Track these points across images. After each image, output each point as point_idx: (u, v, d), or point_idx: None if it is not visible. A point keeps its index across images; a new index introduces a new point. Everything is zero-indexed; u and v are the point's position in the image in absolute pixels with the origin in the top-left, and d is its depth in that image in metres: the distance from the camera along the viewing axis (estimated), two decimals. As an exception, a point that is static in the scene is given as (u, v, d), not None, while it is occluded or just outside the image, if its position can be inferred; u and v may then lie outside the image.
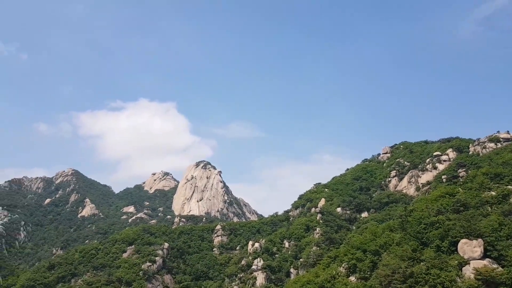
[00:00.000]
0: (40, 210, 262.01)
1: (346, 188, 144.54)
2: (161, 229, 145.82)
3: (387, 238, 71.45)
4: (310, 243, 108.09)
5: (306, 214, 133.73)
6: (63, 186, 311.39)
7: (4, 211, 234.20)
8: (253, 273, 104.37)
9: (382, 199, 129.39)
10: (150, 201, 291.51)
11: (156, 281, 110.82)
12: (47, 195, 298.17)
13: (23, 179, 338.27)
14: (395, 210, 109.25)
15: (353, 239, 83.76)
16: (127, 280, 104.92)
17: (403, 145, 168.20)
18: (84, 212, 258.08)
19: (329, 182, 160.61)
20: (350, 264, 71.51)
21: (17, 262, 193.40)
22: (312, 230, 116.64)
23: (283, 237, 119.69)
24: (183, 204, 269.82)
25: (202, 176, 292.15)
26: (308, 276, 78.32)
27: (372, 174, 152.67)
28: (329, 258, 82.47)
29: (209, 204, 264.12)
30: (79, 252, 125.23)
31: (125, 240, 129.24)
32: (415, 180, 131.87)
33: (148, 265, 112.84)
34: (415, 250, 61.25)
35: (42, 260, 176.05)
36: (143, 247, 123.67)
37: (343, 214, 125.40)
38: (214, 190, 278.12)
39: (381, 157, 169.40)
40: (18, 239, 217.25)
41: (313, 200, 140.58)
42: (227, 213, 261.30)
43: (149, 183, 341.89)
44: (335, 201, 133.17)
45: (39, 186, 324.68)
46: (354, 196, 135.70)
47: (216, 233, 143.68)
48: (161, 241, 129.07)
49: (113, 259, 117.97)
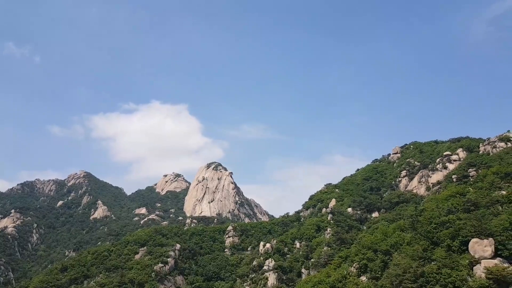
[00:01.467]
0: (52, 213, 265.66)
1: (356, 188, 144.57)
2: (173, 230, 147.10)
3: (398, 238, 71.72)
4: (321, 243, 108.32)
5: (317, 214, 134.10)
6: (75, 188, 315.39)
7: (16, 213, 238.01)
8: (265, 273, 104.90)
9: (393, 199, 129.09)
10: (162, 202, 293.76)
11: (168, 282, 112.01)
12: (59, 198, 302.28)
13: (36, 181, 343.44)
14: (405, 210, 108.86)
15: (364, 239, 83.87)
16: (140, 282, 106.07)
17: (413, 145, 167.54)
18: (96, 214, 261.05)
19: (339, 182, 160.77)
20: (361, 264, 71.92)
21: (29, 264, 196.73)
22: (323, 230, 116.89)
23: (294, 238, 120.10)
24: (194, 205, 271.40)
25: (213, 177, 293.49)
26: (319, 276, 78.80)
27: (382, 174, 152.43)
28: (340, 258, 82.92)
29: (221, 205, 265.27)
30: (92, 254, 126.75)
31: (137, 242, 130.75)
32: (426, 180, 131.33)
33: (160, 266, 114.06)
34: (426, 249, 61.40)
35: (54, 262, 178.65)
36: (155, 248, 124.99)
37: (353, 214, 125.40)
38: (225, 191, 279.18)
39: (391, 157, 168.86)
40: (30, 242, 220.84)
41: (324, 201, 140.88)
42: (238, 214, 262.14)
43: (160, 184, 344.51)
44: (346, 201, 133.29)
45: (51, 188, 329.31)
46: (365, 196, 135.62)
47: (227, 234, 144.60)
48: (173, 242, 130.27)
49: (125, 261, 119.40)
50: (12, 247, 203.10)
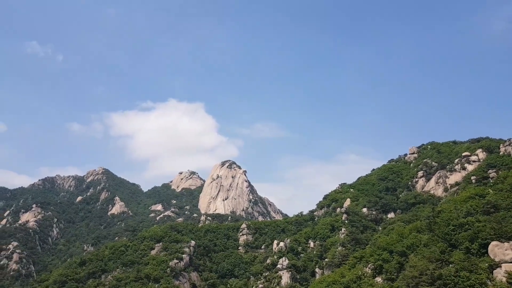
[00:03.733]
0: (72, 208, 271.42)
1: (372, 189, 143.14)
2: (188, 227, 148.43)
3: (414, 239, 70.89)
4: (335, 243, 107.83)
5: (331, 214, 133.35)
6: (94, 184, 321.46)
7: (38, 208, 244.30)
8: (278, 272, 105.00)
9: (409, 199, 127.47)
10: (177, 199, 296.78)
11: (183, 278, 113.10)
12: (78, 193, 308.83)
13: (56, 177, 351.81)
14: (422, 211, 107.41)
15: (380, 240, 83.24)
16: (155, 277, 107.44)
17: (431, 145, 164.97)
18: (113, 210, 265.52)
19: (354, 182, 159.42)
20: (376, 265, 71.32)
21: (50, 258, 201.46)
22: (338, 230, 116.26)
23: (308, 237, 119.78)
24: (209, 203, 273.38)
25: (228, 176, 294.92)
26: (333, 276, 78.51)
27: (398, 175, 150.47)
28: (354, 258, 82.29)
29: (234, 203, 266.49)
30: (109, 248, 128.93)
31: (153, 238, 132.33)
32: (443, 180, 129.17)
33: (175, 262, 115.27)
34: (444, 251, 60.58)
35: (73, 256, 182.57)
36: (171, 245, 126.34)
37: (369, 214, 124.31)
38: (239, 189, 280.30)
39: (407, 157, 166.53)
40: (51, 236, 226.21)
41: (339, 200, 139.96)
42: (252, 212, 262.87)
43: (176, 182, 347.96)
44: (361, 202, 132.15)
45: (71, 184, 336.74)
46: (380, 197, 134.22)
47: (241, 232, 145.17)
48: (188, 239, 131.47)
49: (141, 256, 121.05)
50: (33, 240, 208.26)
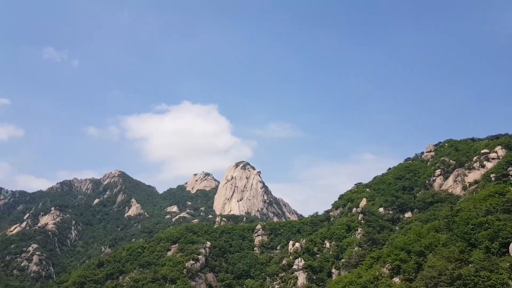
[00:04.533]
0: (89, 210, 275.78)
1: (388, 188, 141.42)
2: (203, 228, 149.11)
3: (433, 238, 69.82)
4: (351, 244, 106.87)
5: (347, 214, 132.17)
6: (110, 187, 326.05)
7: (56, 211, 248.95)
8: (294, 272, 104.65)
9: (427, 198, 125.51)
10: (192, 201, 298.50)
11: (200, 279, 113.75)
12: (95, 196, 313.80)
13: (74, 180, 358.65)
14: (440, 210, 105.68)
15: (397, 240, 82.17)
16: (172, 278, 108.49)
17: (448, 143, 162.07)
18: (130, 212, 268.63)
19: (370, 181, 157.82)
20: (393, 265, 70.42)
21: (68, 259, 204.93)
22: (354, 230, 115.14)
23: (324, 237, 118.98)
24: (223, 204, 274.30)
25: (242, 177, 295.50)
26: (350, 277, 77.82)
27: (415, 173, 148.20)
28: (371, 258, 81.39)
29: (249, 204, 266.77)
30: (126, 250, 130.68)
31: (169, 239, 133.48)
32: (462, 179, 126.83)
33: (191, 263, 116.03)
34: (463, 251, 59.49)
35: (92, 258, 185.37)
36: (186, 246, 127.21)
37: (385, 214, 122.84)
38: (254, 190, 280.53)
39: (424, 155, 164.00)
40: (69, 238, 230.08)
41: (354, 200, 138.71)
42: (267, 213, 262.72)
43: (191, 183, 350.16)
44: (377, 201, 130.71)
45: (88, 187, 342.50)
46: (397, 196, 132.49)
47: (256, 233, 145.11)
48: (204, 240, 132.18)
49: (158, 257, 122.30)
50: (53, 243, 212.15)
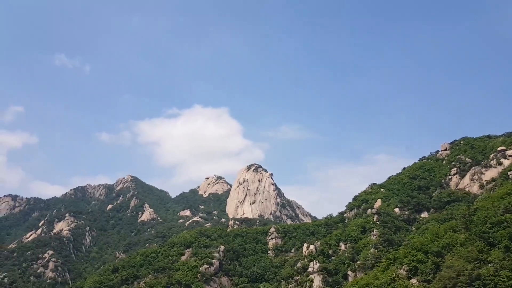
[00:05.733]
0: (103, 216, 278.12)
1: (403, 188, 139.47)
2: (217, 232, 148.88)
3: (450, 238, 68.63)
4: (367, 245, 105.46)
5: (361, 215, 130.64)
6: (123, 192, 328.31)
7: (71, 217, 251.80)
8: (310, 275, 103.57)
9: (443, 198, 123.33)
10: (205, 204, 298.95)
11: (214, 283, 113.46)
12: (109, 201, 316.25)
13: (87, 186, 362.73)
14: (457, 209, 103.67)
15: (413, 240, 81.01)
16: (186, 282, 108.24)
17: (464, 140, 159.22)
18: (143, 217, 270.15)
19: (385, 182, 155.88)
20: (410, 266, 69.44)
21: (84, 265, 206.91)
22: (369, 231, 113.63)
23: (339, 239, 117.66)
24: (236, 207, 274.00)
25: (254, 179, 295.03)
26: (367, 279, 76.73)
27: (431, 173, 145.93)
28: (388, 260, 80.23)
29: (262, 206, 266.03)
30: (141, 255, 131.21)
31: (182, 243, 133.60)
32: (478, 177, 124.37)
33: (205, 267, 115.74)
34: (481, 251, 58.25)
35: (106, 263, 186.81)
36: (200, 250, 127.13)
37: (401, 214, 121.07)
38: (266, 192, 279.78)
39: (439, 154, 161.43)
40: (84, 244, 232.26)
41: (369, 201, 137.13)
42: (280, 216, 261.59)
43: (203, 187, 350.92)
44: (392, 202, 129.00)
45: (101, 193, 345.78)
46: (413, 196, 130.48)
47: (270, 236, 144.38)
48: (217, 244, 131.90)
49: (172, 262, 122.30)
50: (68, 249, 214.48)
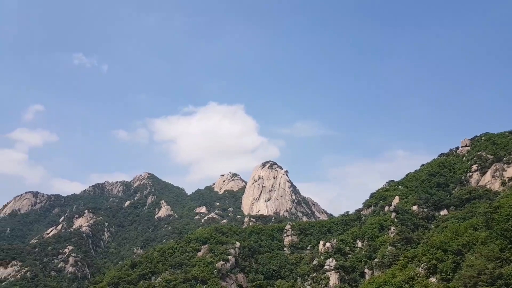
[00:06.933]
0: (121, 212, 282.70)
1: (422, 185, 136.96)
2: (232, 229, 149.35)
3: (471, 237, 67.12)
4: (384, 243, 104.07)
5: (379, 213, 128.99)
6: (140, 189, 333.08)
7: (90, 213, 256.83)
8: (326, 273, 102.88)
9: (463, 195, 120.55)
10: (220, 201, 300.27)
11: (230, 279, 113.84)
12: (126, 198, 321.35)
13: (105, 183, 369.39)
14: (478, 207, 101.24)
15: (432, 239, 79.47)
16: (203, 278, 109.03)
17: (485, 136, 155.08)
18: (160, 213, 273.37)
19: (402, 179, 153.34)
20: (429, 264, 68.24)
21: (103, 260, 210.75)
22: (386, 229, 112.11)
23: (356, 237, 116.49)
24: (251, 204, 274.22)
25: (269, 176, 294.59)
26: (384, 277, 75.69)
27: (450, 169, 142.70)
28: (406, 258, 79.10)
29: (277, 204, 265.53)
30: (158, 251, 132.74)
31: (199, 240, 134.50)
32: (500, 174, 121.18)
33: (221, 264, 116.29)
34: (503, 249, 56.62)
35: (124, 259, 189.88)
36: (216, 246, 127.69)
37: (419, 212, 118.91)
38: (282, 190, 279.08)
39: (459, 150, 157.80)
40: (103, 240, 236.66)
41: (386, 198, 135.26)
42: (296, 213, 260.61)
43: (218, 184, 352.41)
44: (411, 199, 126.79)
45: (119, 189, 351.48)
46: (431, 193, 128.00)
47: (285, 233, 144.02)
48: (233, 241, 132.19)
49: (188, 258, 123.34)
50: (87, 244, 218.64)
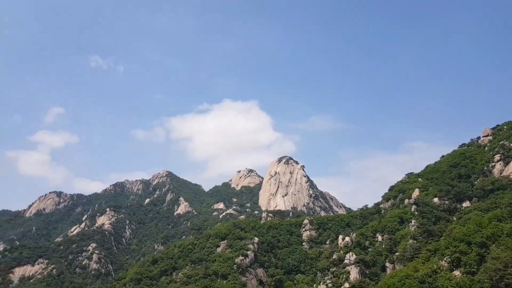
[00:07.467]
0: (141, 210, 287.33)
1: (442, 177, 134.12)
2: (250, 224, 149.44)
3: (495, 228, 65.79)
4: (405, 236, 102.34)
5: (398, 206, 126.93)
6: (159, 187, 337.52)
7: (111, 211, 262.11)
8: (346, 267, 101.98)
9: (486, 186, 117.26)
10: (238, 197, 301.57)
11: (250, 274, 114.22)
12: (146, 196, 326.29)
13: (125, 182, 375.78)
14: (502, 197, 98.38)
15: (455, 231, 77.72)
16: (223, 273, 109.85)
17: (507, 125, 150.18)
18: (179, 210, 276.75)
19: (422, 171, 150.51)
20: (453, 257, 67.04)
21: (125, 257, 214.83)
22: (407, 222, 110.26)
23: (375, 231, 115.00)
24: (268, 200, 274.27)
25: (285, 172, 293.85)
26: (406, 271, 74.50)
27: (472, 160, 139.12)
28: (428, 251, 77.78)
29: (295, 199, 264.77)
30: (178, 247, 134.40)
31: (218, 235, 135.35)
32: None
33: (241, 259, 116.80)
34: (531, 241, 54.94)
35: (146, 255, 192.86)
36: (235, 242, 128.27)
37: (441, 204, 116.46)
38: (298, 184, 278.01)
39: (481, 140, 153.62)
40: (124, 237, 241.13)
41: (406, 191, 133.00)
42: (314, 207, 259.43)
43: (235, 180, 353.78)
44: (431, 191, 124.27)
45: (138, 188, 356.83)
46: (453, 185, 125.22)
47: (304, 228, 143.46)
48: (251, 236, 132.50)
49: (208, 254, 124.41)
50: (109, 241, 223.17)
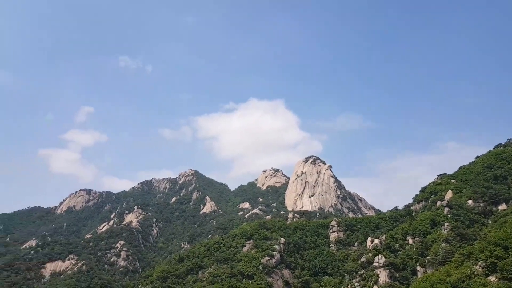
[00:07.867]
0: (168, 208, 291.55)
1: (477, 178, 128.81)
2: (276, 225, 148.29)
3: (535, 233, 62.09)
4: (437, 239, 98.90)
5: (430, 208, 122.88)
6: (185, 185, 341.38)
7: (139, 209, 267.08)
8: (375, 270, 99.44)
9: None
10: (263, 197, 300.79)
11: (276, 275, 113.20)
12: (173, 194, 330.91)
13: (152, 180, 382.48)
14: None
15: (491, 235, 74.58)
16: (249, 273, 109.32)
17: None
18: (205, 209, 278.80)
19: (455, 172, 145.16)
20: (488, 262, 64.29)
21: (152, 255, 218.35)
22: (439, 225, 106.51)
23: (406, 233, 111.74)
24: (295, 200, 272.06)
25: (312, 172, 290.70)
26: (438, 275, 71.95)
27: (508, 161, 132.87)
28: (461, 255, 74.96)
29: (322, 199, 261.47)
30: (204, 246, 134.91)
31: (243, 235, 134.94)
32: None
33: (267, 259, 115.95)
34: None
35: (172, 254, 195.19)
36: (261, 242, 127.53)
37: (475, 207, 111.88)
38: (326, 185, 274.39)
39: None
40: (151, 235, 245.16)
41: (438, 193, 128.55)
42: (341, 209, 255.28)
43: (261, 179, 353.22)
44: (465, 193, 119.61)
45: (165, 186, 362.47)
46: (488, 187, 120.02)
47: (331, 229, 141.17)
48: (277, 236, 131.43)
49: (234, 253, 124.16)
50: (137, 239, 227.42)
